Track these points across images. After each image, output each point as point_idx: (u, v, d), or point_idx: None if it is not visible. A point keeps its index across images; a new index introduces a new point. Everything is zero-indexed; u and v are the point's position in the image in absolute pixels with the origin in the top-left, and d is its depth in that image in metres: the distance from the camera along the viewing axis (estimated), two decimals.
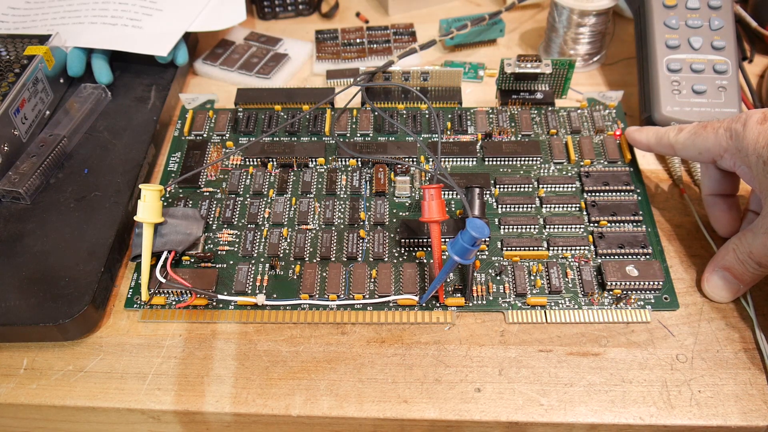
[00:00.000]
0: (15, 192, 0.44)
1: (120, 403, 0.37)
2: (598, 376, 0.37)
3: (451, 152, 0.49)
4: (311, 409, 0.36)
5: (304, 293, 0.41)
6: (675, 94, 0.49)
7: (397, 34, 0.62)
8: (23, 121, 0.48)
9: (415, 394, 0.37)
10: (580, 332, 0.39)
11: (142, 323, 0.41)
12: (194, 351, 0.39)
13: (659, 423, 0.35)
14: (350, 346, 0.39)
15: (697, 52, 0.50)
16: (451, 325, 0.40)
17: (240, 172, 0.48)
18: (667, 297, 0.41)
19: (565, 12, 0.55)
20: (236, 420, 0.37)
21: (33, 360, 0.39)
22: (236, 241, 0.44)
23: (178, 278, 0.41)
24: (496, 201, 0.46)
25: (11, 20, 0.58)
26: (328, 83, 0.58)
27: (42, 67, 0.51)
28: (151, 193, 0.41)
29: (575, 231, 0.44)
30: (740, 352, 0.38)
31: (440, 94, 0.54)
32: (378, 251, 0.43)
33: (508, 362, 0.38)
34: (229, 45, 0.61)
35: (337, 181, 0.47)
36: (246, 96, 0.54)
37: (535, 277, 0.42)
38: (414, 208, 0.46)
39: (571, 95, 0.54)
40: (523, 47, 0.62)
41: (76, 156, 0.48)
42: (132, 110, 0.52)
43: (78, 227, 0.43)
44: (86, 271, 0.40)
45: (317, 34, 0.62)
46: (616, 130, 0.50)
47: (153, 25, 0.56)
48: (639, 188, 0.47)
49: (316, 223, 0.45)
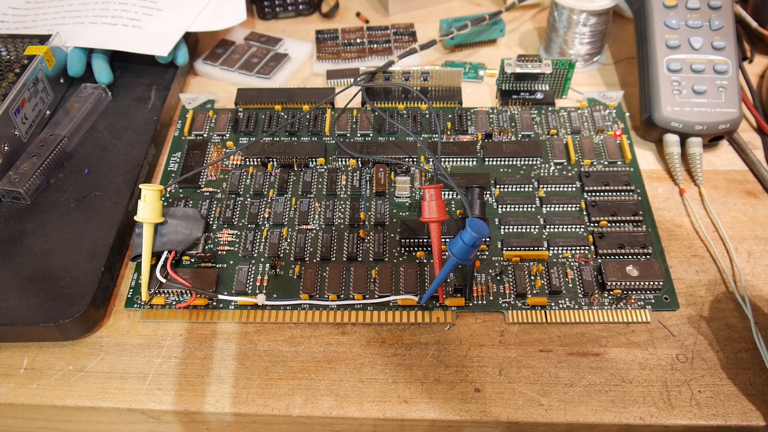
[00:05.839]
0: (15, 192, 0.44)
1: (120, 403, 0.37)
2: (598, 376, 0.37)
3: (451, 152, 0.49)
4: (311, 409, 0.36)
5: (305, 293, 0.41)
6: (675, 94, 0.49)
7: (397, 34, 0.62)
8: (23, 121, 0.48)
9: (415, 394, 0.37)
10: (580, 332, 0.39)
11: (142, 323, 0.41)
12: (194, 351, 0.39)
13: (659, 423, 0.35)
14: (350, 346, 0.39)
15: (698, 52, 0.50)
16: (451, 325, 0.40)
17: (240, 172, 0.48)
18: (667, 297, 0.41)
19: (565, 12, 0.55)
20: (236, 420, 0.37)
21: (33, 360, 0.39)
22: (236, 241, 0.44)
23: (179, 278, 0.41)
24: (497, 201, 0.46)
25: (11, 20, 0.58)
26: (329, 83, 0.58)
27: (42, 67, 0.51)
28: (151, 193, 0.41)
29: (575, 231, 0.44)
30: (740, 352, 0.38)
31: (440, 94, 0.54)
32: (378, 251, 0.43)
33: (508, 362, 0.38)
34: (230, 45, 0.61)
35: (338, 181, 0.47)
36: (246, 96, 0.54)
37: (535, 277, 0.42)
38: (414, 208, 0.46)
39: (571, 95, 0.54)
40: (523, 47, 0.62)
41: (77, 156, 0.48)
42: (132, 110, 0.52)
43: (78, 227, 0.43)
44: (86, 271, 0.40)
45: (317, 34, 0.62)
46: (617, 130, 0.50)
47: (153, 25, 0.56)
48: (639, 188, 0.47)
49: (316, 223, 0.45)
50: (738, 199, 0.47)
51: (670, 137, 0.49)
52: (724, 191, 0.48)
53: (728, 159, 0.50)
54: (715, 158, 0.50)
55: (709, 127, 0.48)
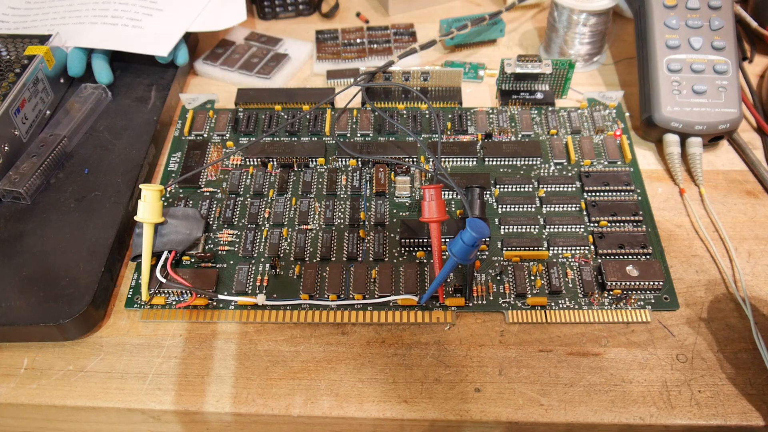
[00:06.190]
0: (15, 192, 0.44)
1: (120, 402, 0.37)
2: (598, 376, 0.37)
3: (451, 152, 0.49)
4: (311, 409, 0.36)
5: (305, 293, 0.41)
6: (675, 95, 0.49)
7: (397, 34, 0.62)
8: (23, 121, 0.48)
9: (415, 394, 0.37)
10: (580, 332, 0.39)
11: (142, 323, 0.41)
12: (194, 351, 0.39)
13: (659, 423, 0.35)
14: (350, 346, 0.39)
15: (697, 53, 0.50)
16: (451, 325, 0.40)
17: (240, 172, 0.48)
18: (667, 297, 0.41)
19: (565, 12, 0.55)
20: (236, 420, 0.37)
21: (33, 360, 0.39)
22: (236, 241, 0.44)
23: (179, 278, 0.41)
24: (496, 201, 0.46)
25: (11, 20, 0.58)
26: (329, 83, 0.58)
27: (42, 67, 0.51)
28: (151, 193, 0.41)
29: (575, 231, 0.44)
30: (740, 352, 0.38)
31: (440, 94, 0.54)
32: (378, 251, 0.43)
33: (508, 362, 0.38)
34: (230, 45, 0.61)
35: (338, 181, 0.47)
36: (246, 96, 0.54)
37: (535, 277, 0.42)
38: (414, 208, 0.46)
39: (571, 95, 0.54)
40: (523, 47, 0.62)
41: (77, 156, 0.48)
42: (132, 110, 0.52)
43: (78, 227, 0.43)
44: (86, 271, 0.40)
45: (317, 34, 0.62)
46: (617, 130, 0.50)
47: (153, 25, 0.56)
48: (639, 188, 0.47)
49: (316, 223, 0.45)
50: (738, 199, 0.47)
51: (670, 137, 0.49)
52: (724, 191, 0.48)
53: (728, 159, 0.50)
54: (715, 158, 0.50)
55: (709, 127, 0.48)
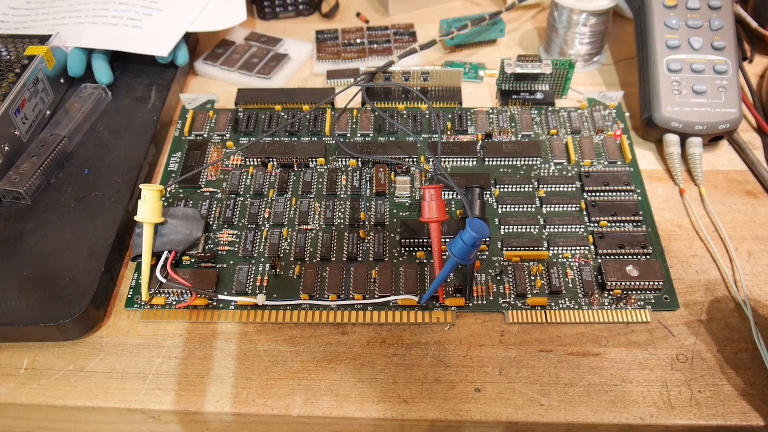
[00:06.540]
0: (15, 192, 0.44)
1: (120, 402, 0.37)
2: (598, 376, 0.37)
3: (451, 152, 0.49)
4: (311, 409, 0.36)
5: (305, 293, 0.41)
6: (675, 95, 0.49)
7: (397, 34, 0.62)
8: (23, 121, 0.48)
9: (415, 394, 0.37)
10: (580, 332, 0.39)
11: (142, 323, 0.41)
12: (194, 351, 0.39)
13: (659, 423, 0.35)
14: (350, 346, 0.39)
15: (697, 53, 0.50)
16: (451, 325, 0.40)
17: (240, 172, 0.48)
18: (667, 297, 0.41)
19: (565, 12, 0.55)
20: (236, 420, 0.37)
21: (33, 360, 0.39)
22: (236, 241, 0.44)
23: (179, 278, 0.41)
24: (496, 201, 0.46)
25: (12, 20, 0.58)
26: (329, 83, 0.58)
27: (42, 67, 0.51)
28: (151, 193, 0.41)
29: (575, 231, 0.44)
30: (740, 352, 0.38)
31: (440, 94, 0.54)
32: (378, 251, 0.43)
33: (508, 362, 0.38)
34: (230, 45, 0.61)
35: (338, 181, 0.47)
36: (246, 96, 0.54)
37: (535, 277, 0.42)
38: (414, 208, 0.46)
39: (571, 95, 0.54)
40: (523, 47, 0.62)
41: (77, 156, 0.48)
42: (132, 110, 0.52)
43: (78, 227, 0.43)
44: (86, 271, 0.40)
45: (317, 34, 0.62)
46: (617, 130, 0.50)
47: (153, 25, 0.56)
48: (639, 188, 0.47)
49: (316, 223, 0.45)
50: (738, 199, 0.47)
51: (670, 137, 0.49)
52: (724, 191, 0.48)
53: (728, 159, 0.50)
54: (715, 158, 0.50)
55: (709, 127, 0.48)
